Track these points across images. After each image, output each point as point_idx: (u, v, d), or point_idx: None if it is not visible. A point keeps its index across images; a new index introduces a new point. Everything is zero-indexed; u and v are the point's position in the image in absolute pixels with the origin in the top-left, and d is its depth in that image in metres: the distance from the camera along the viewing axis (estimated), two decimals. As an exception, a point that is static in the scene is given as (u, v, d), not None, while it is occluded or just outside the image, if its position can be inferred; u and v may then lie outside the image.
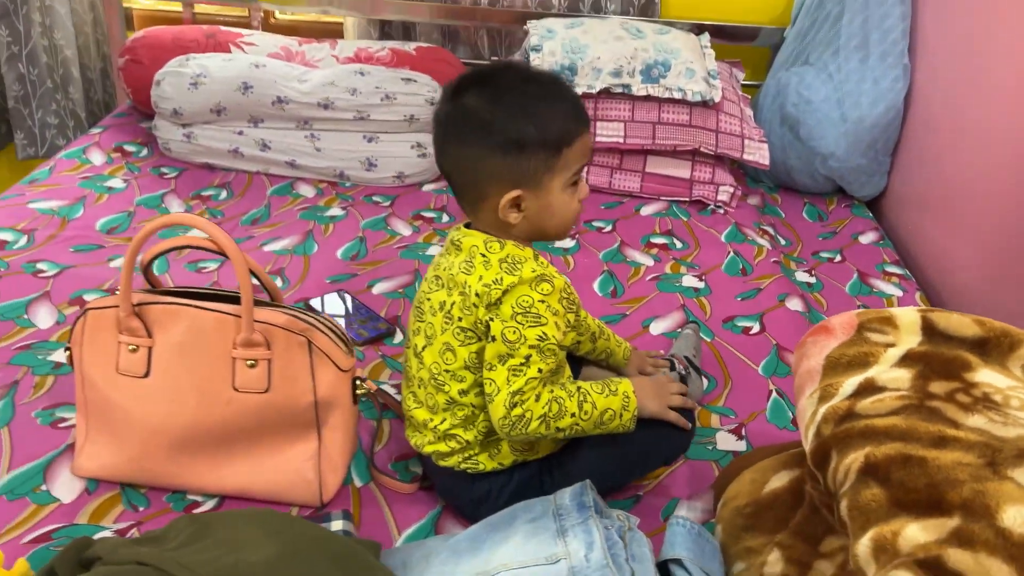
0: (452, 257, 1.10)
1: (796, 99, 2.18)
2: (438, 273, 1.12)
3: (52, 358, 1.41)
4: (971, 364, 0.86)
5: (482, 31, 2.52)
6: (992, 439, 0.76)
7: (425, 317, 1.12)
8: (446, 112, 1.06)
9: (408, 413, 1.17)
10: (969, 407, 0.81)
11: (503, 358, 1.03)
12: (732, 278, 1.81)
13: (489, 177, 1.05)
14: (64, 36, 2.48)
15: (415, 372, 1.14)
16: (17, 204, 1.87)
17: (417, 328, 1.13)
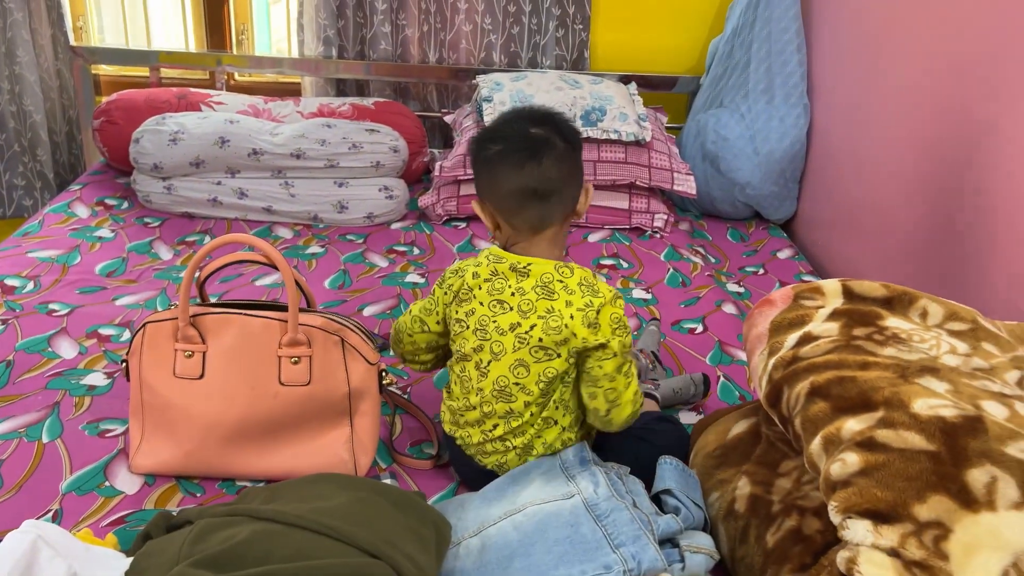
0: (516, 283, 1.23)
1: (715, 137, 2.49)
2: (501, 298, 1.24)
3: (84, 382, 1.56)
4: (882, 315, 1.12)
5: (431, 86, 2.77)
6: (901, 361, 1.02)
7: (491, 336, 1.24)
8: (536, 139, 1.23)
9: (461, 415, 1.30)
10: (883, 343, 1.07)
11: (619, 367, 1.24)
12: (674, 289, 2.07)
13: (571, 200, 1.27)
14: (33, 102, 2.62)
15: (475, 383, 1.27)
16: (16, 254, 2.01)
17: (480, 345, 1.25)
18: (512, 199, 1.24)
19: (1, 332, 1.69)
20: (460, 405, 1.31)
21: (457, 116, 2.61)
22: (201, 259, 1.25)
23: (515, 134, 1.25)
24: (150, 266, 2.03)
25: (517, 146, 1.23)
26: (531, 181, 1.22)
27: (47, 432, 1.41)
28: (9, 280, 1.89)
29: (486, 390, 1.26)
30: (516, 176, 1.23)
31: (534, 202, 1.24)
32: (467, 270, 1.29)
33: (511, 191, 1.24)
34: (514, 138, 1.24)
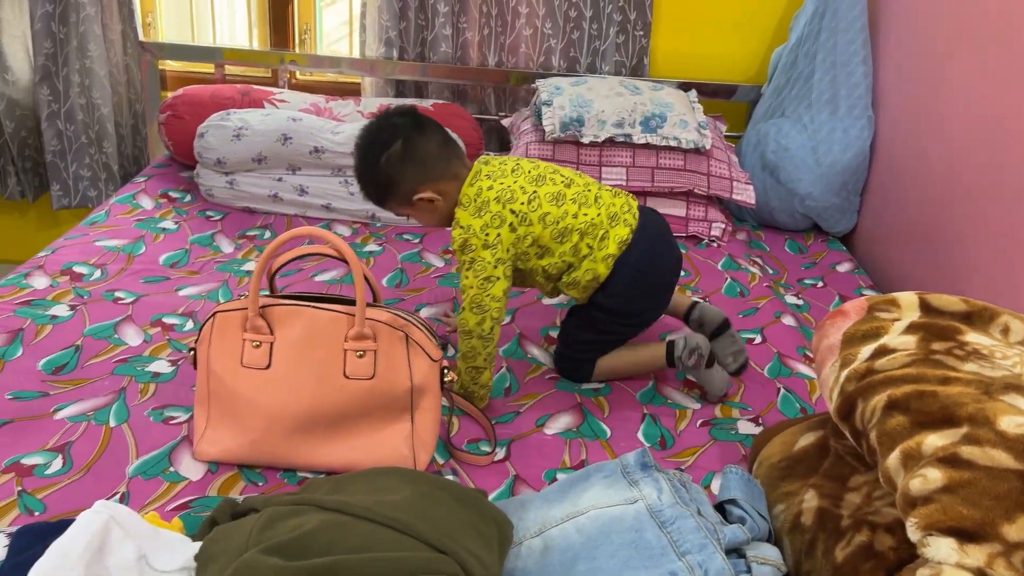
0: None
1: (775, 147, 2.46)
2: (537, 173, 1.56)
3: (150, 369, 1.58)
4: (962, 330, 1.10)
5: (489, 89, 2.78)
6: (984, 378, 1.00)
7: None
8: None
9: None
10: (964, 358, 1.04)
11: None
12: (732, 299, 2.05)
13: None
14: (101, 96, 2.68)
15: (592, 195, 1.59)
16: (85, 242, 2.05)
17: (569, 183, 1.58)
18: (441, 156, 1.51)
19: (70, 317, 1.73)
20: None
21: (515, 120, 2.61)
22: (274, 251, 1.27)
23: (388, 125, 1.50)
24: (212, 258, 2.07)
25: (403, 125, 1.49)
26: (440, 132, 1.53)
27: (114, 416, 1.43)
28: (78, 267, 1.93)
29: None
30: (426, 139, 1.49)
31: (451, 144, 1.54)
32: (496, 206, 1.49)
33: (436, 152, 1.50)
34: (394, 126, 1.49)
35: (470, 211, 1.48)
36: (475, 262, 1.46)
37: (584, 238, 1.52)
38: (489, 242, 1.46)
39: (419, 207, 1.52)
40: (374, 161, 1.49)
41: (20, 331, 1.66)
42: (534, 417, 1.54)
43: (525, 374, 1.68)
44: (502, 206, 1.48)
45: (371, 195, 1.54)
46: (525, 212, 1.49)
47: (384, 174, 1.48)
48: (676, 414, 1.59)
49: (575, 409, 1.58)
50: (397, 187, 1.50)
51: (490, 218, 1.46)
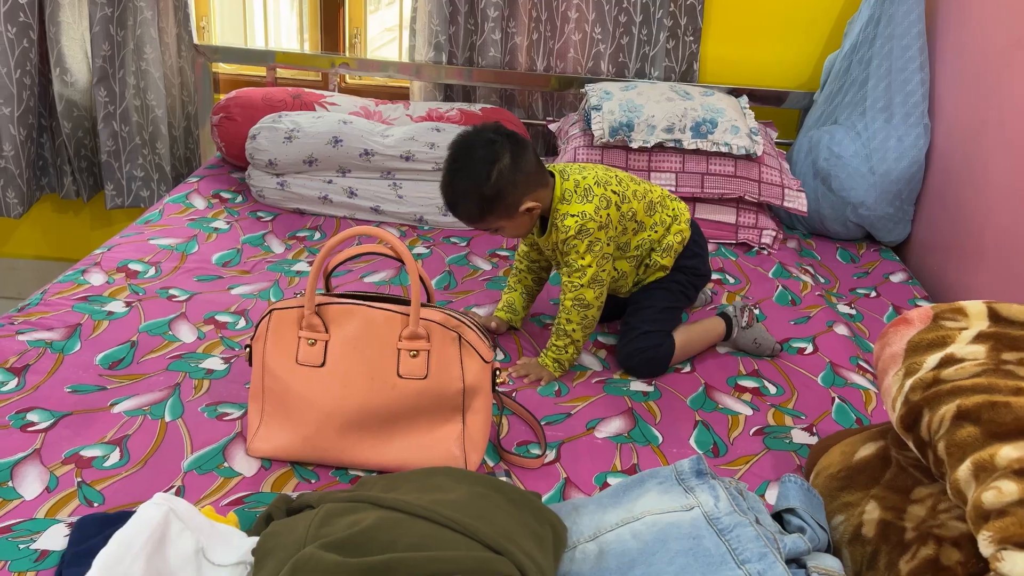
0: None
1: (828, 155, 2.42)
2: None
3: (203, 365, 1.60)
4: (1032, 340, 1.07)
5: (536, 94, 2.78)
6: (1058, 389, 0.97)
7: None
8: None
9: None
10: (1036, 369, 1.01)
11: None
12: (783, 308, 2.02)
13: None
14: (156, 97, 2.72)
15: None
16: (139, 240, 2.08)
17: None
18: (539, 166, 1.60)
19: (126, 314, 1.75)
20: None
21: (562, 125, 2.61)
22: (331, 249, 1.27)
23: (487, 141, 1.55)
24: (263, 258, 2.09)
25: (503, 141, 1.54)
26: (530, 144, 1.60)
27: (169, 412, 1.45)
28: (133, 265, 1.96)
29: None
30: (528, 152, 1.57)
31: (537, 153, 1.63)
32: (600, 190, 1.62)
33: (535, 163, 1.58)
34: (493, 142, 1.54)
35: (576, 200, 1.59)
36: (593, 244, 1.60)
37: (664, 209, 1.74)
38: (603, 222, 1.60)
39: (520, 218, 1.58)
40: (484, 177, 1.52)
41: (78, 326, 1.68)
42: (584, 420, 1.53)
43: (573, 379, 1.67)
44: (604, 189, 1.63)
45: (473, 211, 1.56)
46: (621, 191, 1.66)
47: (495, 188, 1.52)
48: (729, 421, 1.56)
49: (626, 414, 1.56)
50: (505, 200, 1.54)
51: (599, 200, 1.60)
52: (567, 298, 1.64)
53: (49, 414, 1.41)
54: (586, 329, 1.65)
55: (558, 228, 1.61)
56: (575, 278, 1.62)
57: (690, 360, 1.76)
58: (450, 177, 1.56)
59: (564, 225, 1.59)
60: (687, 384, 1.68)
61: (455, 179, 1.55)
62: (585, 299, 1.62)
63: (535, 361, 1.68)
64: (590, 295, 1.62)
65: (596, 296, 1.63)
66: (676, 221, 1.74)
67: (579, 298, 1.62)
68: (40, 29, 2.61)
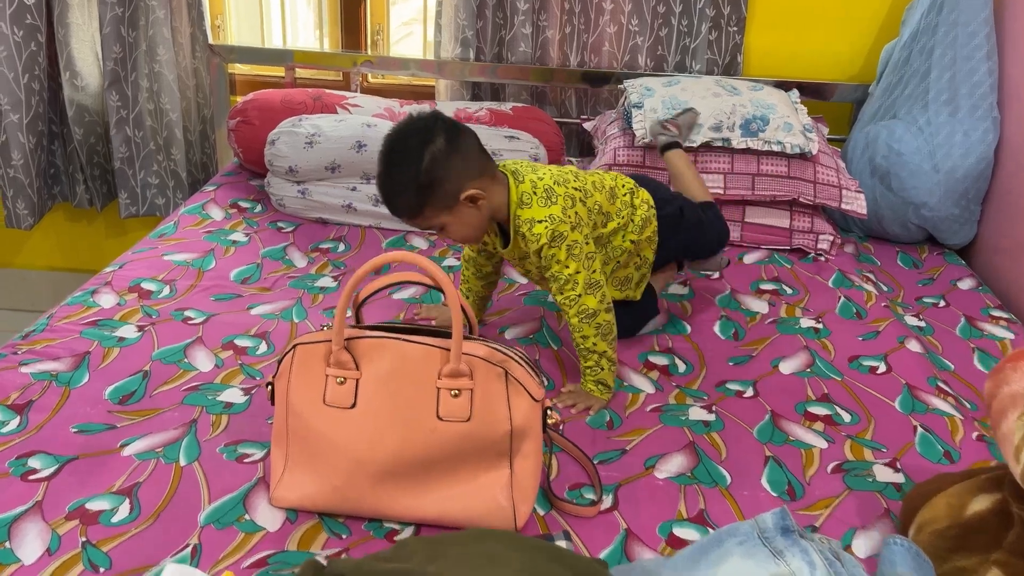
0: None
1: (887, 152, 2.25)
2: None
3: (221, 398, 1.46)
4: None
5: (569, 91, 2.63)
6: None
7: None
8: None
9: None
10: None
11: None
12: (848, 321, 1.86)
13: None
14: (170, 100, 2.60)
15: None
16: (153, 256, 1.95)
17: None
18: (483, 152, 1.45)
19: (139, 339, 1.62)
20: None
21: (599, 123, 2.45)
22: (361, 279, 1.13)
23: (421, 125, 1.40)
24: (284, 273, 1.95)
25: (438, 124, 1.39)
26: (472, 131, 1.45)
27: (184, 454, 1.32)
28: (146, 284, 1.83)
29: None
30: (466, 135, 1.42)
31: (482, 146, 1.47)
32: (561, 188, 1.48)
33: (478, 147, 1.44)
34: (428, 126, 1.39)
35: (538, 203, 1.45)
36: (572, 247, 1.45)
37: (619, 190, 1.63)
38: (575, 222, 1.47)
39: (461, 212, 1.43)
40: (415, 159, 1.37)
41: (86, 355, 1.55)
42: (642, 457, 1.38)
43: (625, 407, 1.52)
44: (565, 187, 1.49)
45: (411, 202, 1.41)
46: (581, 185, 1.53)
47: (427, 173, 1.37)
48: (802, 456, 1.41)
49: (687, 449, 1.41)
50: (441, 186, 1.39)
51: (563, 200, 1.46)
52: (571, 316, 1.48)
53: (53, 459, 1.28)
54: (607, 336, 1.49)
55: (525, 237, 1.45)
56: (568, 291, 1.47)
57: (752, 383, 1.60)
58: (383, 168, 1.41)
59: (533, 234, 1.44)
60: (751, 412, 1.52)
61: (388, 169, 1.41)
62: (589, 308, 1.46)
63: (580, 388, 1.53)
64: (592, 302, 1.46)
65: (599, 300, 1.47)
66: (634, 195, 1.65)
67: (582, 310, 1.47)
68: (48, 31, 2.49)
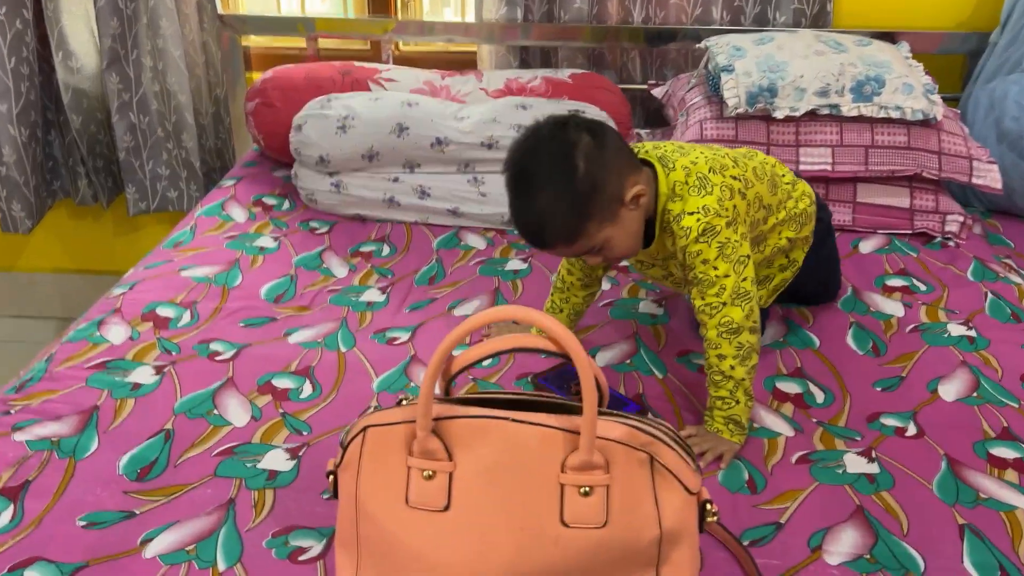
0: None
1: (1018, 112, 1.91)
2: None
3: (263, 465, 1.18)
4: None
5: (633, 52, 2.29)
6: None
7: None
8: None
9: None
10: None
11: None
12: (1005, 326, 1.54)
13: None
14: (177, 80, 2.28)
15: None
16: (169, 272, 1.66)
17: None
18: (627, 146, 1.24)
19: (157, 385, 1.33)
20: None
21: (672, 89, 2.12)
22: (456, 343, 0.83)
23: (555, 131, 1.17)
24: (323, 286, 1.65)
25: (572, 124, 1.17)
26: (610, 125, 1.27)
27: (223, 553, 1.03)
28: (163, 309, 1.53)
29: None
30: (608, 129, 1.20)
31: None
32: (717, 178, 1.24)
33: (621, 139, 1.22)
34: (562, 127, 1.17)
35: (692, 193, 1.22)
36: (724, 246, 1.21)
37: (779, 177, 1.39)
38: (731, 217, 1.23)
39: (624, 218, 1.20)
40: (567, 168, 1.14)
41: (95, 411, 1.27)
42: (804, 532, 1.08)
43: (764, 457, 1.22)
44: (722, 175, 1.25)
45: (570, 223, 1.16)
46: (741, 173, 1.29)
47: (586, 179, 1.14)
48: (1005, 521, 1.10)
49: (857, 518, 1.10)
50: (604, 192, 1.16)
51: (719, 190, 1.23)
52: (709, 327, 1.22)
53: (56, 570, 1.00)
54: (747, 361, 1.22)
55: (674, 233, 1.23)
56: (711, 296, 1.22)
57: (912, 416, 1.30)
58: (522, 196, 1.16)
59: (683, 227, 1.21)
60: (921, 457, 1.22)
61: (531, 194, 1.15)
62: (733, 321, 1.21)
63: (706, 430, 1.24)
64: (738, 315, 1.21)
65: (746, 315, 1.22)
66: (794, 186, 1.42)
67: (724, 323, 1.21)
68: (36, 7, 2.18)
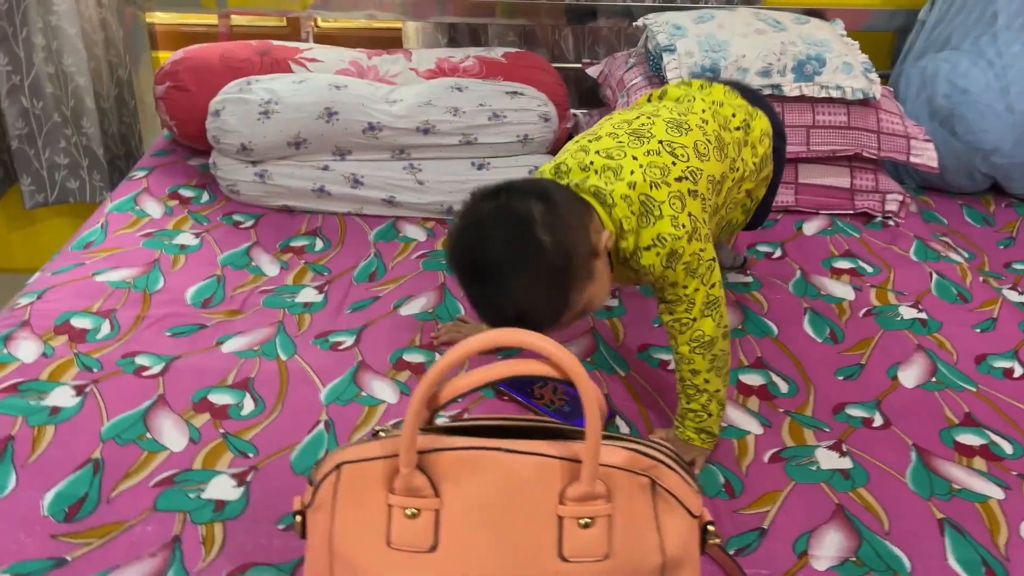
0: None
1: (949, 90, 1.93)
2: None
3: (208, 495, 1.07)
4: None
5: (566, 31, 2.22)
6: None
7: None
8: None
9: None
10: None
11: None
12: (953, 306, 1.55)
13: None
14: (75, 61, 2.09)
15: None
16: (81, 277, 1.51)
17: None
18: (568, 189, 1.13)
19: (78, 409, 1.20)
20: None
21: (608, 68, 2.05)
22: (445, 372, 0.74)
23: (502, 203, 1.04)
24: (253, 287, 1.54)
25: (512, 193, 1.04)
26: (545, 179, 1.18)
27: (173, 602, 0.93)
28: (77, 320, 1.39)
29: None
30: (547, 181, 1.13)
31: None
32: (661, 193, 1.13)
33: (562, 189, 1.12)
34: (506, 203, 1.03)
35: (643, 224, 1.11)
36: (690, 263, 1.12)
37: (728, 127, 1.29)
38: (690, 228, 1.12)
39: (598, 272, 1.08)
40: (536, 248, 1.00)
41: (9, 441, 1.13)
42: (788, 538, 1.05)
43: (738, 460, 1.19)
44: (666, 185, 1.13)
45: (556, 301, 1.04)
46: (687, 166, 1.17)
47: (557, 252, 1.01)
48: (981, 513, 1.10)
49: (838, 519, 1.08)
50: (576, 256, 1.04)
51: (668, 208, 1.12)
52: (680, 343, 1.15)
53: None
54: (721, 371, 1.17)
55: (635, 269, 1.14)
56: (680, 312, 1.15)
57: (876, 405, 1.29)
58: (490, 291, 1.03)
59: (644, 265, 1.12)
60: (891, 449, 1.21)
61: (499, 288, 1.02)
62: (705, 335, 1.14)
63: (675, 436, 1.19)
64: (709, 327, 1.15)
65: (717, 324, 1.15)
66: (747, 129, 1.32)
67: (696, 337, 1.15)
68: (-95, -20, 1.95)
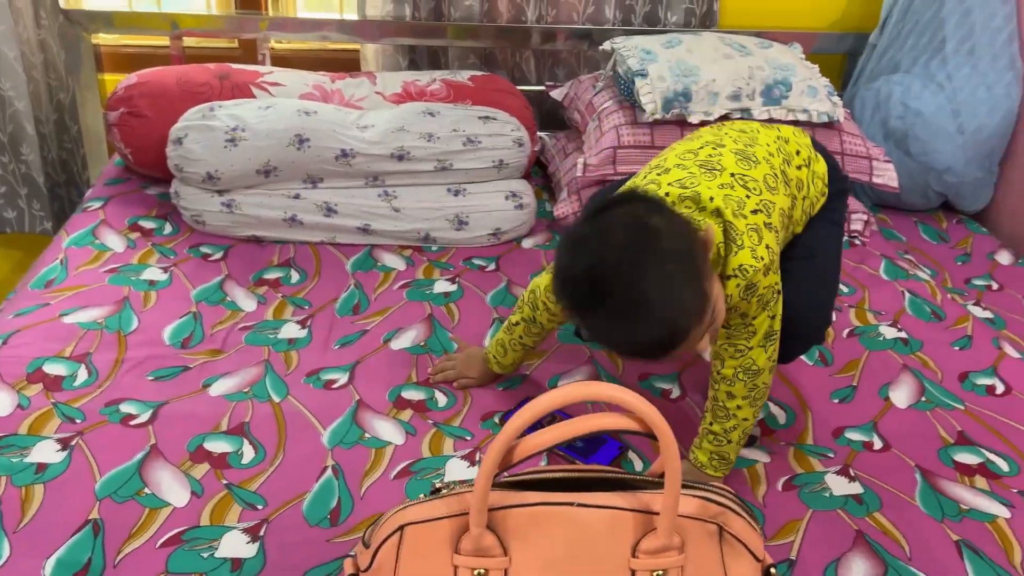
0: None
1: (902, 112, 2.00)
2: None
3: (222, 553, 1.01)
4: None
5: (527, 53, 2.21)
6: None
7: None
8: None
9: None
10: None
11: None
12: (929, 324, 1.60)
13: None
14: (14, 85, 1.98)
15: None
16: (48, 319, 1.41)
17: None
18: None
19: (66, 465, 1.12)
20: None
21: (575, 91, 2.05)
22: (522, 429, 0.72)
23: (629, 212, 0.97)
24: (232, 324, 1.47)
25: (633, 199, 1.00)
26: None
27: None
28: (50, 366, 1.30)
29: None
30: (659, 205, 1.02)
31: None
32: (741, 222, 1.07)
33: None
34: (632, 205, 0.98)
35: (731, 251, 1.05)
36: (762, 296, 1.09)
37: (791, 164, 1.22)
38: (768, 261, 1.07)
39: (713, 274, 1.03)
40: (680, 261, 0.94)
41: (-5, 508, 1.05)
42: (816, 568, 1.06)
43: (750, 486, 1.19)
44: (744, 217, 1.08)
45: (686, 325, 0.94)
46: (760, 199, 1.11)
47: (674, 236, 0.96)
48: (993, 533, 1.13)
49: (860, 544, 1.10)
50: (701, 272, 0.97)
51: (747, 239, 1.06)
52: (727, 366, 1.13)
53: None
54: (756, 402, 1.15)
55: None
56: (739, 340, 1.12)
57: (873, 427, 1.31)
58: (641, 320, 0.91)
59: (725, 295, 1.05)
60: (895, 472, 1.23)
61: (651, 313, 0.91)
62: (755, 364, 1.12)
63: (688, 463, 1.19)
64: (761, 358, 1.12)
65: (768, 356, 1.13)
66: (811, 166, 1.26)
67: (746, 365, 1.13)
68: None
